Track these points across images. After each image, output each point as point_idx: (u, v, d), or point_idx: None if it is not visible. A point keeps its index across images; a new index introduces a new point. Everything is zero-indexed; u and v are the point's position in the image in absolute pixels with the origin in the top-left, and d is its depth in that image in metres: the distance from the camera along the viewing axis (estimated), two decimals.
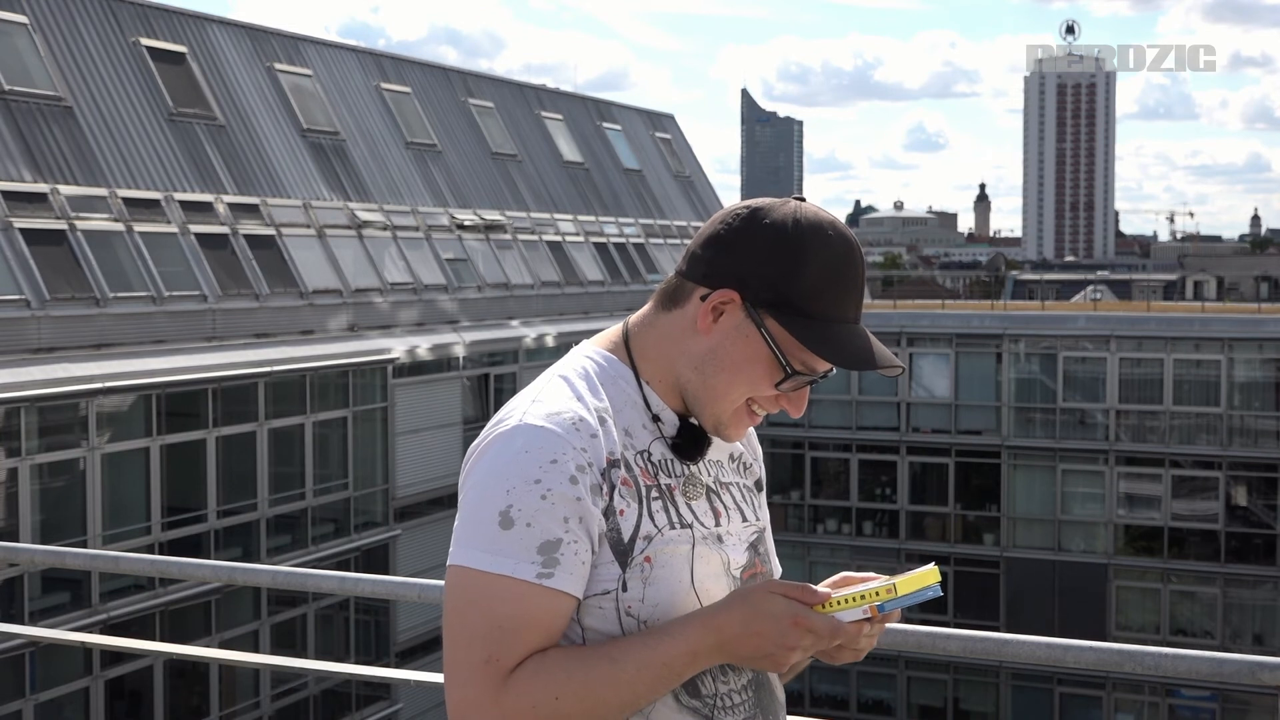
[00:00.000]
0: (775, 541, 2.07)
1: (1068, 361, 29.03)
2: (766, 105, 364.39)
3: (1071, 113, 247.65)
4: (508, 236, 27.93)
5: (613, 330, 1.86)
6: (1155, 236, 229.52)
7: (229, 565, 3.66)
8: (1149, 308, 35.22)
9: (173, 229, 20.00)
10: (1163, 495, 28.22)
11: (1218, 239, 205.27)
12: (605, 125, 35.15)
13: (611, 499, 1.69)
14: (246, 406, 19.47)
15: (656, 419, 1.78)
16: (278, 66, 24.11)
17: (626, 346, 1.82)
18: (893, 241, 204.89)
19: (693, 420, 1.80)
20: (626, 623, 1.68)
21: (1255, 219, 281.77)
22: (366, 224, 24.02)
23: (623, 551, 1.69)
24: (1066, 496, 28.98)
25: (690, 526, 1.75)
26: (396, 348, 22.51)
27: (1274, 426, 28.14)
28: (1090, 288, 54.52)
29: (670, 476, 1.77)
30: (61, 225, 18.29)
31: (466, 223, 26.84)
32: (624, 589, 1.68)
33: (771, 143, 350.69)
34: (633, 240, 32.96)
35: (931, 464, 29.57)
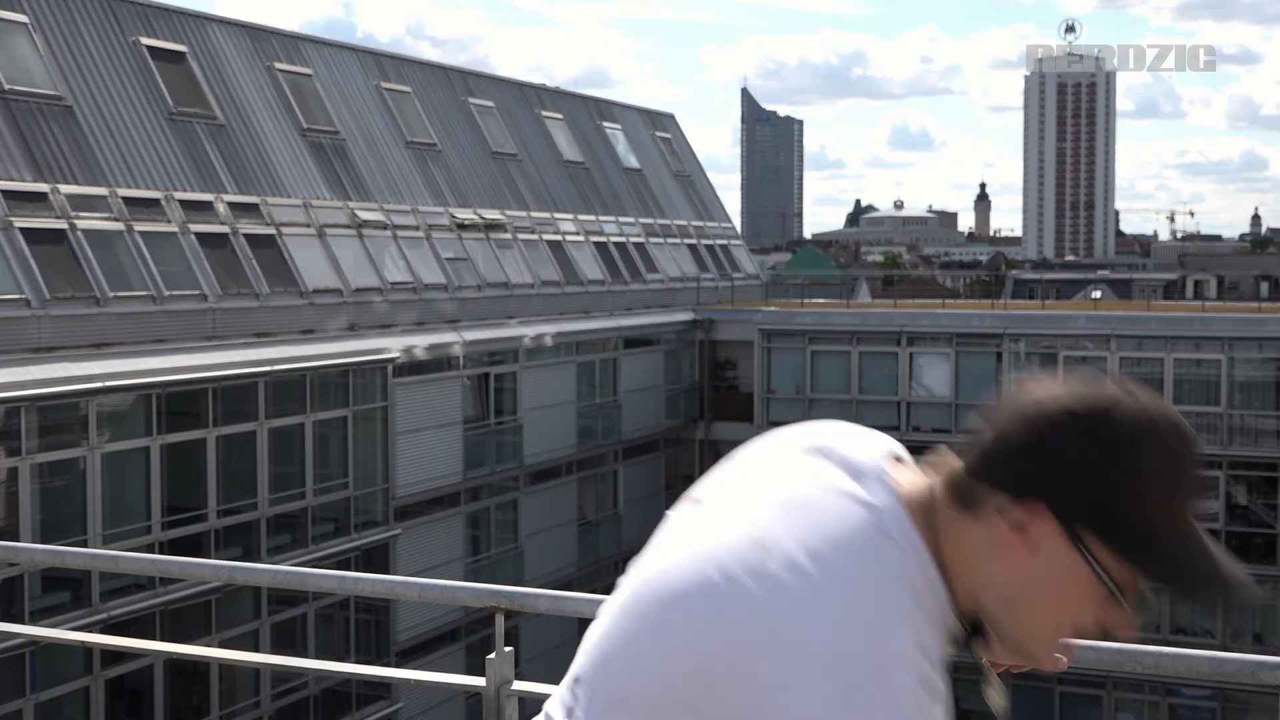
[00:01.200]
0: None
1: (1068, 361, 29.02)
2: (751, 102, 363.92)
3: (1072, 112, 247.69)
4: (508, 236, 27.93)
5: (916, 491, 1.47)
6: (1155, 236, 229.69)
7: (229, 565, 3.66)
8: (1149, 307, 35.22)
9: (173, 228, 20.00)
10: None
11: (1218, 238, 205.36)
12: (605, 125, 35.15)
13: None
14: (246, 406, 19.46)
15: (970, 627, 1.49)
16: (278, 66, 24.11)
17: (933, 529, 1.45)
18: (893, 241, 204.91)
19: (980, 622, 1.51)
20: None
21: (1255, 218, 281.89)
22: (366, 223, 24.02)
23: None
24: None
25: None
26: (396, 347, 22.51)
27: (1274, 426, 28.13)
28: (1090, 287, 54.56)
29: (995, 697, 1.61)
30: (61, 225, 18.29)
31: (466, 222, 26.84)
32: None
33: (771, 142, 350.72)
34: (633, 239, 32.96)
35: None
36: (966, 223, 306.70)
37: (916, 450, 1.67)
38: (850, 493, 1.43)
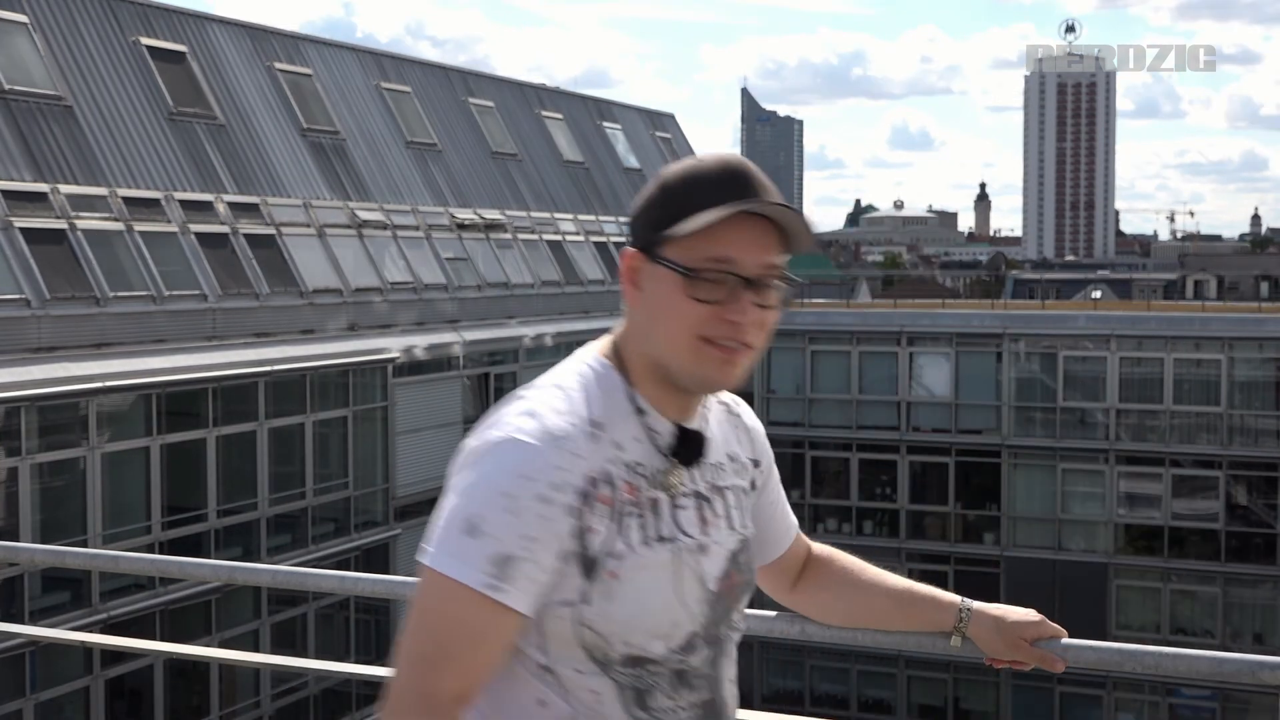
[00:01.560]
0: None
1: (1068, 361, 29.03)
2: (751, 102, 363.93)
3: (1072, 112, 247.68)
4: (508, 236, 27.93)
5: (612, 334, 1.83)
6: (1155, 236, 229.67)
7: (229, 565, 3.66)
8: (1149, 307, 35.21)
9: (173, 228, 20.01)
10: (1163, 494, 28.22)
11: (1218, 238, 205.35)
12: (605, 124, 35.16)
13: (583, 518, 1.67)
14: (246, 406, 19.47)
15: (652, 430, 1.75)
16: (278, 66, 24.11)
17: (618, 352, 1.78)
18: (893, 241, 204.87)
19: (687, 426, 1.78)
20: (582, 633, 1.69)
21: (1255, 218, 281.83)
22: (366, 223, 24.03)
23: (589, 566, 1.68)
24: (1067, 496, 28.98)
25: (672, 540, 1.73)
26: (396, 347, 22.51)
27: (1274, 426, 28.14)
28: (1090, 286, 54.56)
29: (658, 489, 1.75)
30: (61, 225, 18.30)
31: (466, 222, 26.84)
32: (585, 601, 1.68)
33: (771, 142, 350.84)
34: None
35: (932, 463, 29.57)
36: (966, 223, 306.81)
37: (917, 450, 1.74)
38: (576, 356, 1.81)
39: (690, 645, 1.75)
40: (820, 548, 2.17)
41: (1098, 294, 47.07)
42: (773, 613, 2.60)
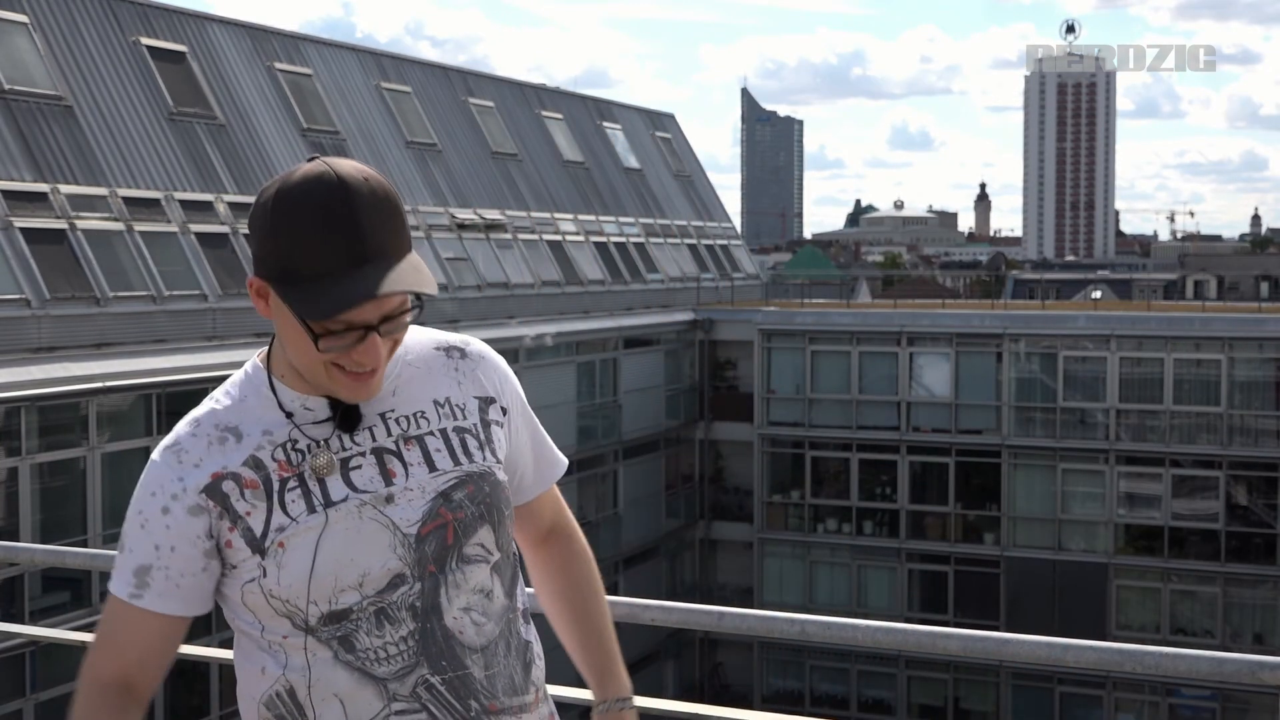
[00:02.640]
0: (775, 541, 2.07)
1: (1068, 361, 29.03)
2: (751, 102, 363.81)
3: (1072, 112, 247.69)
4: (508, 236, 27.93)
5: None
6: (1155, 236, 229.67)
7: None
8: (1149, 307, 35.21)
9: (173, 228, 20.01)
10: (1163, 495, 28.21)
11: (1218, 238, 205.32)
12: (605, 124, 35.15)
13: (228, 506, 1.86)
14: None
15: (289, 414, 1.89)
16: (278, 66, 24.11)
17: (269, 351, 1.95)
18: (893, 241, 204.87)
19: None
20: (274, 603, 1.86)
21: (1255, 218, 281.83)
22: None
23: (257, 544, 1.85)
24: (1067, 496, 28.97)
25: (339, 503, 1.85)
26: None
27: (1274, 426, 28.13)
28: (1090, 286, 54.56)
29: (320, 458, 1.88)
30: (61, 225, 18.30)
31: (466, 222, 26.85)
32: (264, 575, 1.85)
33: (771, 142, 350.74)
34: (633, 239, 32.96)
35: (932, 463, 29.56)
36: (966, 223, 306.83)
37: (917, 450, 1.73)
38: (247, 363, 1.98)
39: (393, 585, 1.85)
40: (571, 539, 2.20)
41: (1098, 294, 47.07)
42: (772, 613, 2.60)
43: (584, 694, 2.27)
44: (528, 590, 2.13)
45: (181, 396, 18.58)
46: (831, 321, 31.13)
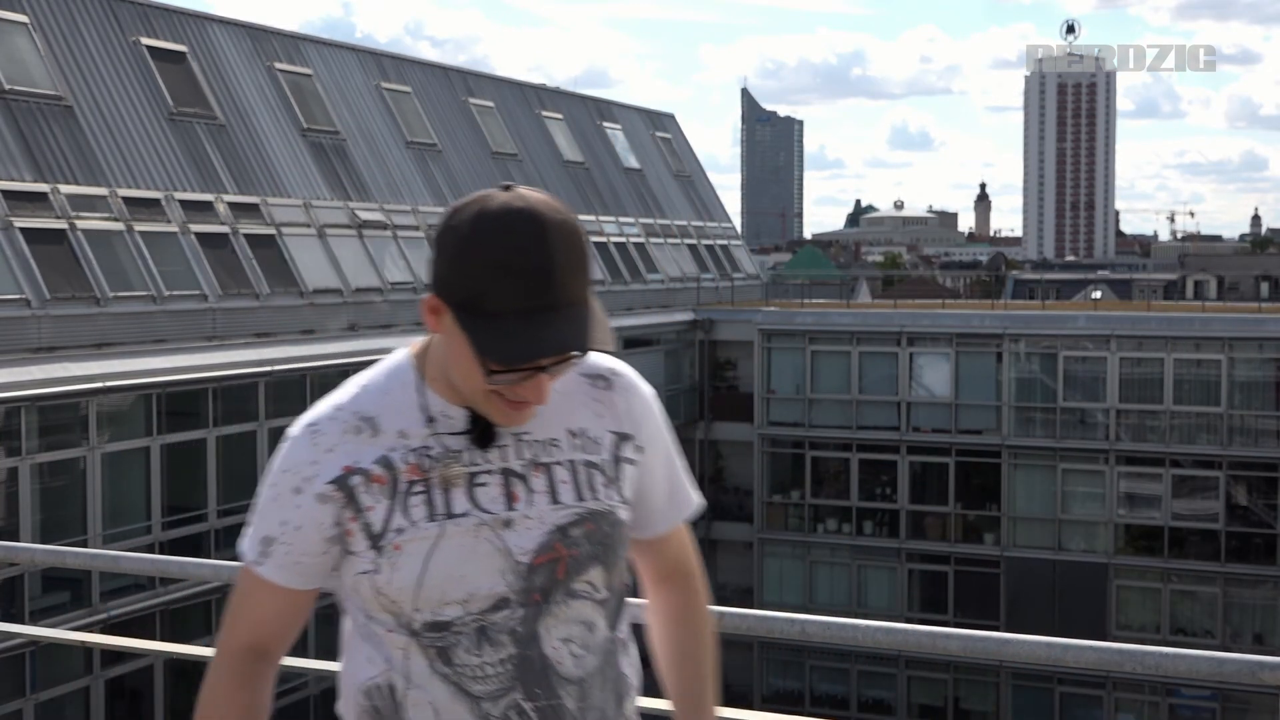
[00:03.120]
0: (775, 541, 2.07)
1: (1068, 361, 29.02)
2: (751, 102, 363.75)
3: (1072, 112, 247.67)
4: None
5: (425, 339, 1.97)
6: (1155, 236, 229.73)
7: (229, 565, 3.66)
8: (1149, 307, 35.20)
9: (173, 229, 20.00)
10: (1163, 495, 28.21)
11: (1218, 239, 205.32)
12: (605, 125, 35.15)
13: (353, 499, 1.89)
14: (247, 406, 19.46)
15: (432, 420, 1.90)
16: (278, 66, 24.11)
17: (426, 350, 1.94)
18: (893, 241, 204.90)
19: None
20: (381, 599, 1.91)
21: (1255, 218, 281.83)
22: (366, 223, 24.03)
23: (376, 540, 1.88)
24: (1067, 496, 28.97)
25: (462, 515, 1.87)
26: (396, 347, 22.46)
27: (1274, 426, 28.13)
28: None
29: (449, 468, 1.89)
30: (62, 225, 18.29)
31: None
32: (377, 571, 1.88)
33: (771, 142, 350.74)
34: (633, 240, 32.95)
35: (932, 463, 29.56)
36: (966, 223, 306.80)
37: (917, 450, 1.74)
38: (393, 353, 1.99)
39: (498, 607, 1.87)
40: (690, 585, 2.15)
41: (1098, 294, 47.06)
42: (773, 613, 2.60)
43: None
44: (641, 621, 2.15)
45: (181, 396, 18.58)
46: (831, 321, 31.12)
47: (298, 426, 1.97)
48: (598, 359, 2.02)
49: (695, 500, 2.12)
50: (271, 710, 2.21)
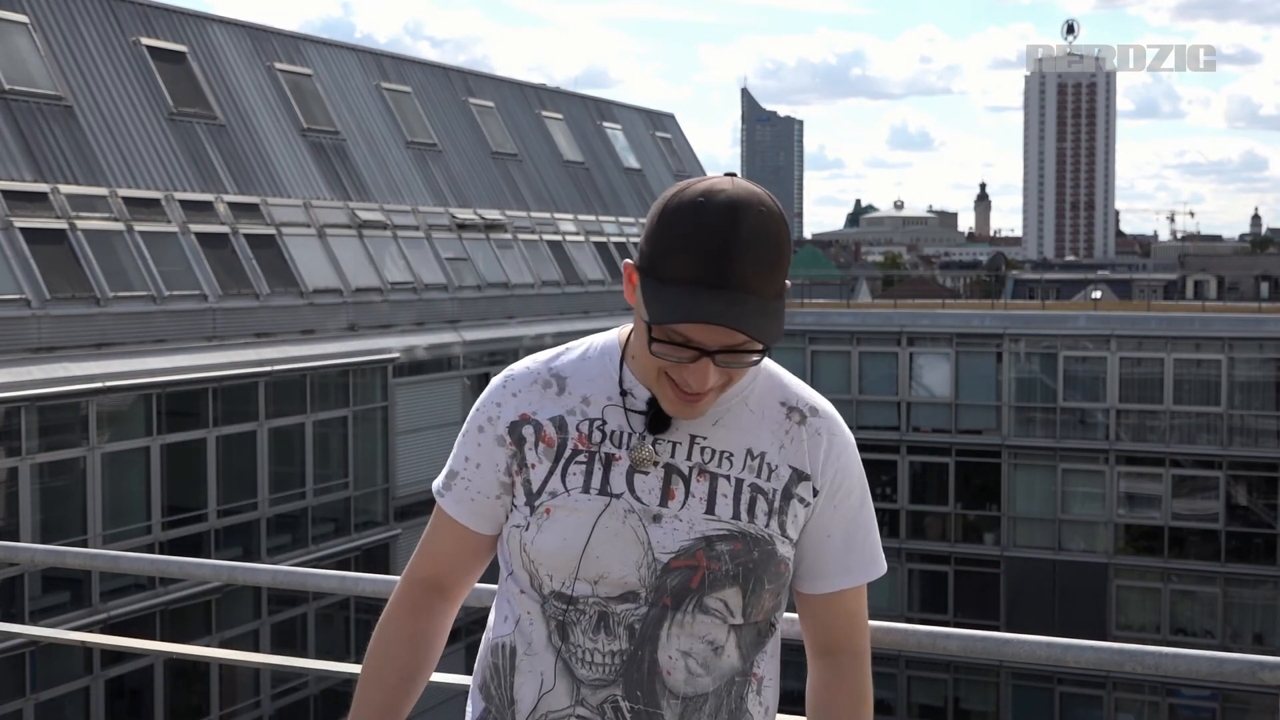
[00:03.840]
0: None
1: (1068, 361, 29.02)
2: (751, 102, 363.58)
3: (1072, 112, 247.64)
4: (508, 236, 27.93)
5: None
6: (1155, 236, 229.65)
7: (229, 565, 3.65)
8: (1149, 307, 35.21)
9: (173, 229, 20.00)
10: (1163, 495, 28.21)
11: (1218, 238, 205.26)
12: (605, 125, 35.15)
13: (521, 451, 1.93)
14: (246, 406, 19.47)
15: (625, 393, 1.92)
16: (278, 66, 24.11)
17: (631, 331, 1.97)
18: (893, 241, 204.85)
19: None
20: (523, 557, 1.92)
21: (1255, 218, 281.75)
22: (366, 223, 24.02)
23: (531, 498, 1.91)
24: (1067, 496, 28.98)
25: (615, 496, 1.87)
26: (396, 347, 22.51)
27: (1274, 426, 28.13)
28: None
29: (620, 447, 1.89)
30: (62, 225, 18.29)
31: (466, 222, 26.84)
32: (526, 529, 1.90)
33: (771, 142, 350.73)
34: (633, 240, 32.95)
35: (932, 463, 29.56)
36: (966, 223, 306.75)
37: (917, 450, 1.75)
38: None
39: (624, 599, 1.86)
40: (850, 669, 2.05)
41: (1098, 294, 47.04)
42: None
43: None
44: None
45: (181, 396, 18.59)
46: (831, 321, 31.13)
47: (504, 371, 2.03)
48: (806, 394, 2.04)
49: (878, 567, 2.02)
50: (271, 710, 2.19)
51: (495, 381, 2.01)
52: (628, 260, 1.88)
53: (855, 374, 29.90)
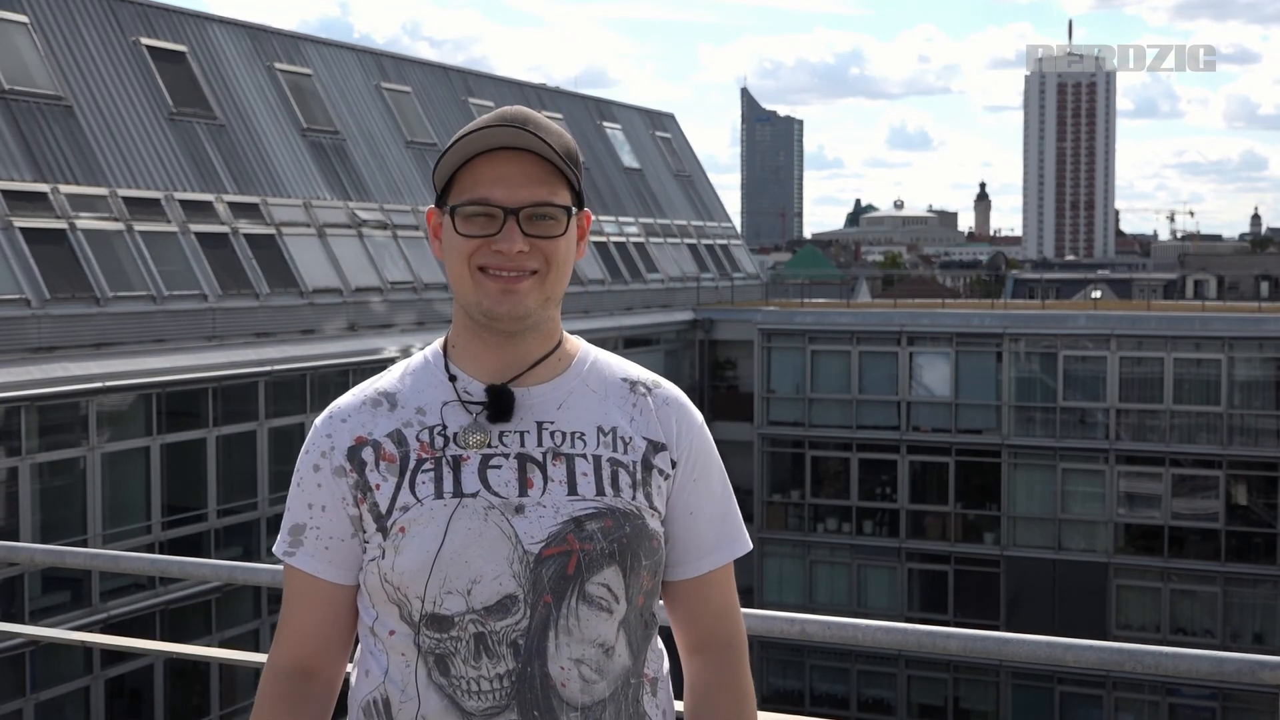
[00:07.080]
0: (775, 540, 2.03)
1: (1068, 360, 29.01)
2: (750, 102, 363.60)
3: (1071, 112, 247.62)
4: None
5: None
6: (1155, 236, 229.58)
7: (229, 565, 3.66)
8: (1149, 307, 35.19)
9: (173, 228, 20.00)
10: (1163, 494, 28.20)
11: (1218, 238, 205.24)
12: (605, 124, 35.15)
13: (363, 476, 1.83)
14: (246, 406, 19.46)
15: (465, 391, 1.87)
16: (278, 66, 24.10)
17: (452, 329, 1.95)
18: (893, 241, 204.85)
19: (499, 385, 1.87)
20: (386, 588, 1.81)
21: (1255, 218, 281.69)
22: (366, 223, 24.02)
23: (381, 522, 1.81)
24: (1066, 495, 28.97)
25: (471, 495, 1.79)
26: (396, 347, 22.51)
27: (1274, 426, 28.12)
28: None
29: (463, 447, 1.83)
30: (61, 225, 18.29)
31: None
32: (383, 556, 1.80)
33: (771, 142, 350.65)
34: (633, 239, 32.95)
35: (932, 463, 29.55)
36: (966, 223, 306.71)
37: (917, 450, 1.74)
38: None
39: (503, 608, 1.76)
40: (729, 663, 1.95)
41: (1098, 294, 47.03)
42: (772, 612, 2.60)
43: None
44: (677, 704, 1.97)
45: (181, 396, 18.58)
46: (831, 321, 31.12)
47: (326, 410, 1.94)
48: (646, 371, 2.00)
49: (743, 544, 1.96)
50: None
51: (318, 421, 1.91)
52: (429, 211, 1.92)
53: (855, 374, 29.89)
